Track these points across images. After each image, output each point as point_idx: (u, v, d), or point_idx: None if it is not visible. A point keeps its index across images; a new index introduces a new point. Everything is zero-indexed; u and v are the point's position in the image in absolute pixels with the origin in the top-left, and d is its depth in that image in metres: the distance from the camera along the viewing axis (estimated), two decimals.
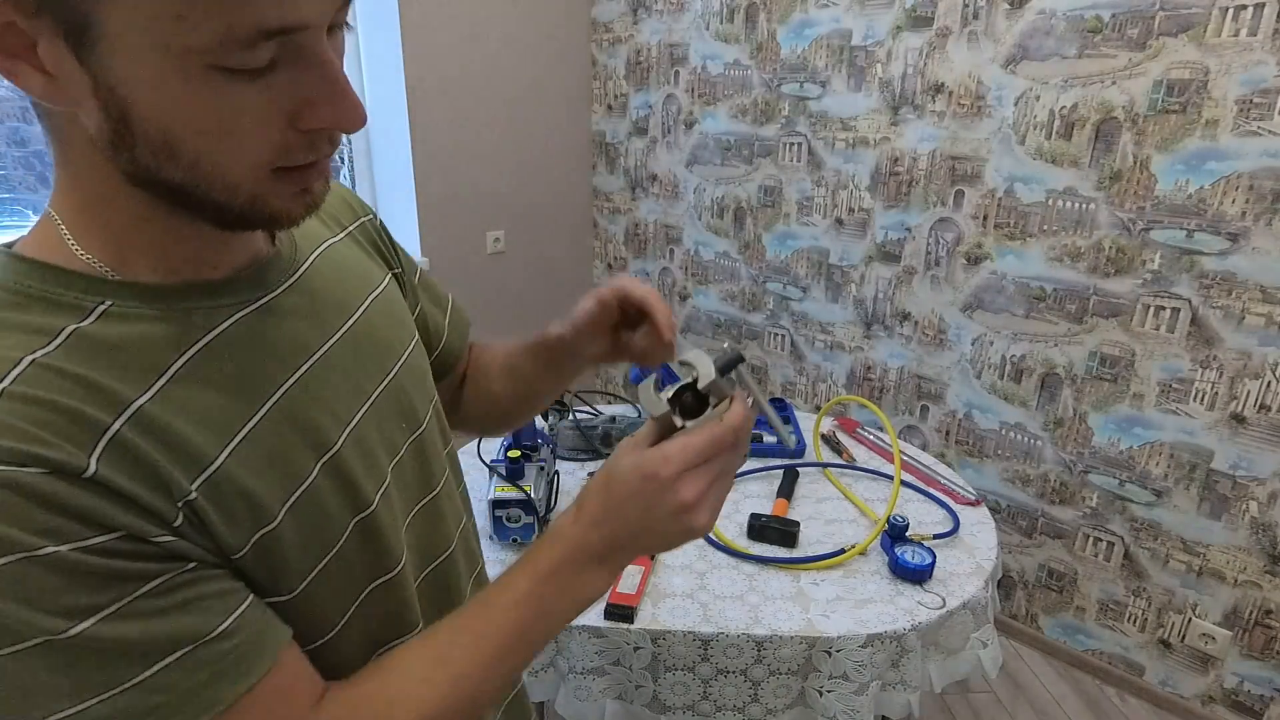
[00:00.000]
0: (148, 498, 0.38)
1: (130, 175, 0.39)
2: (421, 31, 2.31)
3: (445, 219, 2.53)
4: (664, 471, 0.48)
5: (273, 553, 0.44)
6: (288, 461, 0.45)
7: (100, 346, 0.39)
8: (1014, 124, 1.87)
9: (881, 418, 1.37)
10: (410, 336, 0.62)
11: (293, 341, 0.48)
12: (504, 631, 0.50)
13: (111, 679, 0.37)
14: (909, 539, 1.20)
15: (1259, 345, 1.63)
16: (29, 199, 1.92)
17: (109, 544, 0.36)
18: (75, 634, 0.35)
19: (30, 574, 0.34)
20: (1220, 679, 1.83)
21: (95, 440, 0.37)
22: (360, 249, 0.62)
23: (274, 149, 0.39)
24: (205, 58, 0.35)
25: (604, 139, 2.90)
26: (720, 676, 1.07)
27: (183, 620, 0.39)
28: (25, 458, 0.34)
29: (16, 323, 0.39)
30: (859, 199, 2.22)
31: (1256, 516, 1.70)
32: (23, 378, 0.36)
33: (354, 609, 0.51)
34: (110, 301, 0.41)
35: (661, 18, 2.57)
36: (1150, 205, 1.71)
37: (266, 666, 0.42)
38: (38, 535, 0.34)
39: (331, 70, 0.39)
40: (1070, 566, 2.04)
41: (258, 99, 0.37)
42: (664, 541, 0.51)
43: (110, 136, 0.37)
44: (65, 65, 0.35)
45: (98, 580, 0.36)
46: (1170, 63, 1.62)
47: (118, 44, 0.34)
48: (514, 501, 1.18)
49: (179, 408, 0.40)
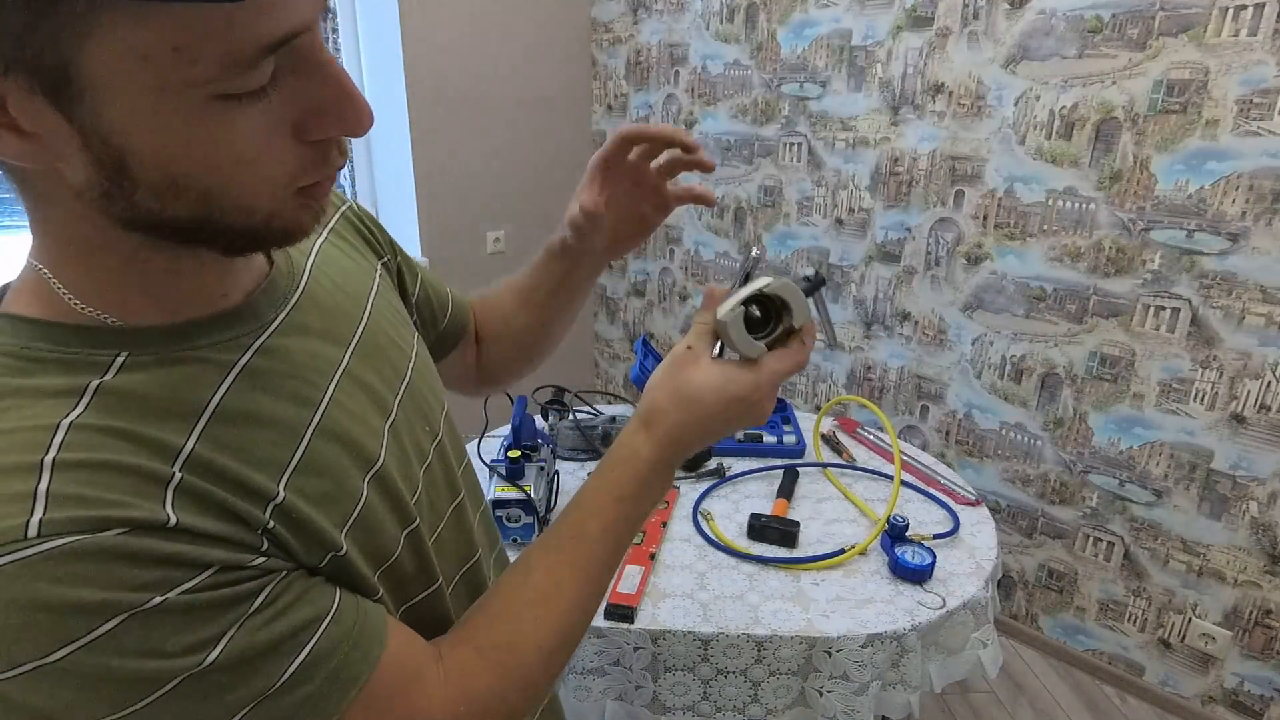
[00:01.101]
0: (231, 532, 0.38)
1: (126, 221, 0.36)
2: (421, 32, 2.31)
3: (445, 219, 2.53)
4: (754, 396, 0.53)
5: (346, 567, 0.44)
6: (341, 482, 0.45)
7: (129, 399, 0.38)
8: (1014, 124, 1.87)
9: (881, 418, 1.37)
10: (412, 333, 0.61)
11: (314, 360, 0.47)
12: (600, 557, 0.52)
13: (257, 688, 0.37)
14: (909, 539, 1.20)
15: (1259, 345, 1.63)
16: None
17: (208, 579, 0.36)
18: (212, 662, 0.36)
19: (146, 628, 0.34)
20: (1220, 679, 1.83)
21: (163, 491, 0.36)
22: (347, 243, 0.61)
23: (288, 167, 0.37)
24: (206, 89, 0.32)
25: (604, 139, 2.89)
26: (720, 677, 1.07)
27: (299, 614, 0.40)
28: (102, 523, 0.33)
29: (36, 389, 0.36)
30: (859, 199, 2.22)
31: (1256, 516, 1.70)
32: (67, 444, 0.35)
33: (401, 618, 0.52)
34: (125, 353, 0.39)
35: (661, 18, 2.57)
36: (1150, 205, 1.71)
37: (386, 635, 0.43)
38: (140, 590, 0.34)
39: (333, 71, 0.36)
40: (1070, 566, 2.04)
41: (261, 118, 0.35)
42: (730, 435, 0.56)
43: (104, 187, 0.34)
44: (44, 121, 0.32)
45: (211, 612, 0.36)
46: (1170, 63, 1.62)
47: (105, 91, 0.31)
48: (514, 501, 1.18)
49: (227, 447, 0.39)
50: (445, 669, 0.46)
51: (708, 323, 0.55)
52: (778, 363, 0.54)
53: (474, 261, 2.66)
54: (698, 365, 0.53)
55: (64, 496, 0.33)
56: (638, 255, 2.94)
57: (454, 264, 2.57)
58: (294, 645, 0.39)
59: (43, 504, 0.33)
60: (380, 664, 0.42)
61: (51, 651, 0.32)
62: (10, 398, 0.36)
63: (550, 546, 0.53)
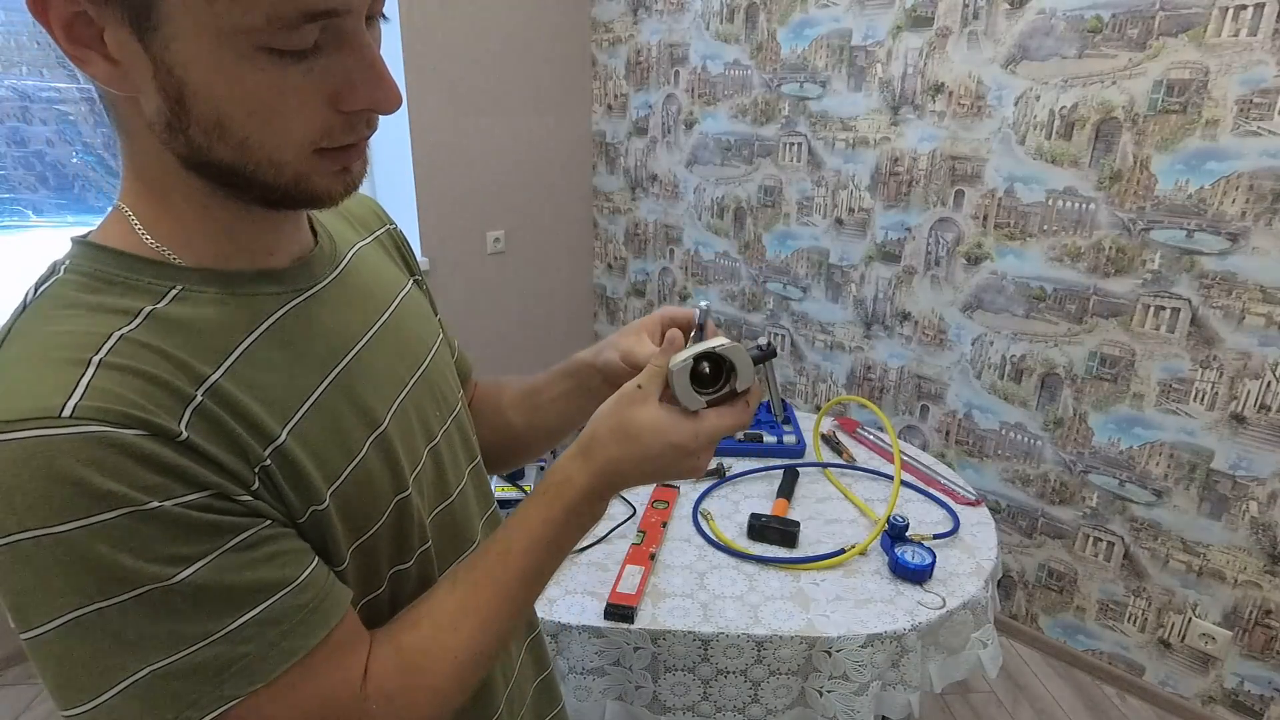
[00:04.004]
0: (230, 461, 0.41)
1: (185, 158, 0.42)
2: (421, 31, 2.31)
3: (445, 219, 2.53)
4: (692, 445, 0.54)
5: (324, 524, 0.47)
6: (343, 437, 0.48)
7: (175, 326, 0.42)
8: (1014, 124, 1.87)
9: (881, 418, 1.37)
10: (436, 335, 0.65)
11: (341, 328, 0.52)
12: (522, 574, 0.54)
13: (205, 629, 0.39)
14: (909, 539, 1.20)
15: (1259, 345, 1.63)
16: (29, 199, 1.92)
17: (203, 500, 0.39)
18: (176, 581, 0.38)
19: (138, 527, 0.37)
20: (1220, 679, 1.83)
21: (183, 408, 0.40)
22: (385, 254, 0.65)
23: (317, 129, 0.42)
24: (254, 38, 0.37)
25: (604, 139, 2.90)
26: (720, 677, 1.07)
27: (268, 572, 0.42)
28: (127, 419, 0.37)
29: (100, 304, 0.42)
30: (859, 199, 2.22)
31: (1256, 516, 1.70)
32: (115, 349, 0.39)
33: (384, 588, 0.54)
34: (181, 286, 0.44)
35: (661, 18, 2.57)
36: (1150, 205, 1.71)
37: (336, 620, 0.45)
38: (143, 491, 0.37)
39: (370, 54, 0.42)
40: (1070, 566, 2.04)
41: (302, 80, 0.40)
42: (662, 482, 0.57)
43: (167, 119, 0.40)
44: (129, 51, 0.38)
45: (195, 532, 0.39)
46: (1170, 63, 1.62)
47: (176, 27, 0.37)
48: (514, 502, 1.18)
49: (247, 385, 0.43)
50: (369, 662, 0.48)
51: (662, 366, 0.55)
52: (719, 419, 0.55)
53: (474, 261, 2.66)
54: (644, 405, 0.54)
55: (100, 390, 0.37)
56: (638, 255, 2.94)
57: (454, 264, 2.58)
58: (250, 601, 0.41)
59: (82, 392, 0.37)
60: (321, 645, 0.44)
61: (59, 523, 0.36)
62: (79, 308, 0.42)
63: (477, 561, 0.54)
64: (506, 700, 0.66)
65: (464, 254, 2.62)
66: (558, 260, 2.96)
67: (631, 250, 2.96)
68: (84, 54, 0.38)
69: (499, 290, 2.76)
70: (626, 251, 2.98)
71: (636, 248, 2.94)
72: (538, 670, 0.75)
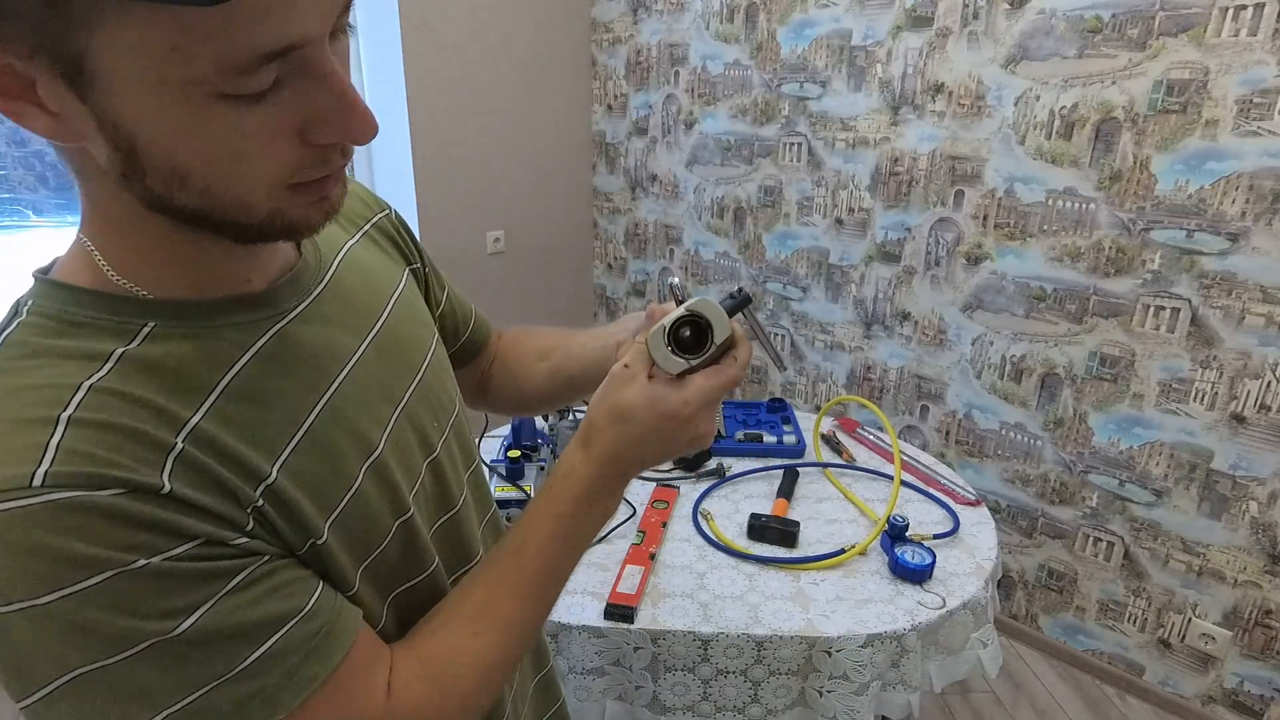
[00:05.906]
0: (220, 507, 0.39)
1: (146, 203, 0.39)
2: (421, 32, 2.31)
3: (445, 219, 2.53)
4: (684, 412, 0.53)
5: (325, 555, 0.45)
6: (336, 467, 0.46)
7: (149, 368, 0.40)
8: (1014, 124, 1.87)
9: (881, 418, 1.37)
10: (432, 334, 0.63)
11: (329, 349, 0.49)
12: (539, 573, 0.53)
13: (216, 670, 0.38)
14: (909, 539, 1.20)
15: (1259, 345, 1.63)
16: (29, 199, 1.92)
17: (193, 550, 0.37)
18: (179, 632, 0.37)
19: (127, 587, 0.36)
20: (1220, 679, 1.83)
21: (164, 458, 0.38)
22: (378, 248, 0.63)
23: (287, 167, 0.39)
24: (206, 87, 0.34)
25: (604, 139, 2.90)
26: (720, 677, 1.07)
27: (273, 605, 0.40)
28: (103, 480, 0.35)
29: (67, 350, 0.39)
30: (859, 199, 2.22)
31: (1256, 516, 1.70)
32: (85, 404, 0.37)
33: (388, 610, 0.53)
34: (153, 323, 0.42)
35: (661, 18, 2.57)
36: (1150, 205, 1.71)
37: (350, 641, 0.44)
38: (128, 551, 0.35)
39: (338, 83, 0.37)
40: (1070, 566, 2.04)
41: (264, 121, 0.36)
42: (673, 457, 0.60)
43: (120, 168, 0.37)
44: (66, 103, 0.35)
45: (189, 582, 0.37)
46: (1170, 63, 1.62)
47: (115, 80, 0.33)
48: (514, 502, 1.18)
49: (230, 424, 0.41)
50: (392, 677, 0.47)
51: (644, 342, 0.55)
52: (705, 379, 0.54)
53: (474, 261, 2.66)
54: (632, 383, 0.54)
55: (72, 452, 0.35)
56: (638, 255, 2.94)
57: (454, 264, 2.57)
58: (260, 635, 0.40)
59: (51, 456, 0.35)
60: (339, 668, 0.43)
61: (43, 595, 0.34)
62: (44, 356, 0.39)
63: (491, 563, 0.54)
64: (511, 699, 0.66)
65: (464, 254, 2.62)
66: (558, 260, 2.96)
67: (631, 250, 2.96)
68: (18, 107, 0.35)
69: (499, 290, 2.76)
70: (626, 251, 2.98)
71: (636, 248, 2.94)
72: (537, 668, 0.75)
